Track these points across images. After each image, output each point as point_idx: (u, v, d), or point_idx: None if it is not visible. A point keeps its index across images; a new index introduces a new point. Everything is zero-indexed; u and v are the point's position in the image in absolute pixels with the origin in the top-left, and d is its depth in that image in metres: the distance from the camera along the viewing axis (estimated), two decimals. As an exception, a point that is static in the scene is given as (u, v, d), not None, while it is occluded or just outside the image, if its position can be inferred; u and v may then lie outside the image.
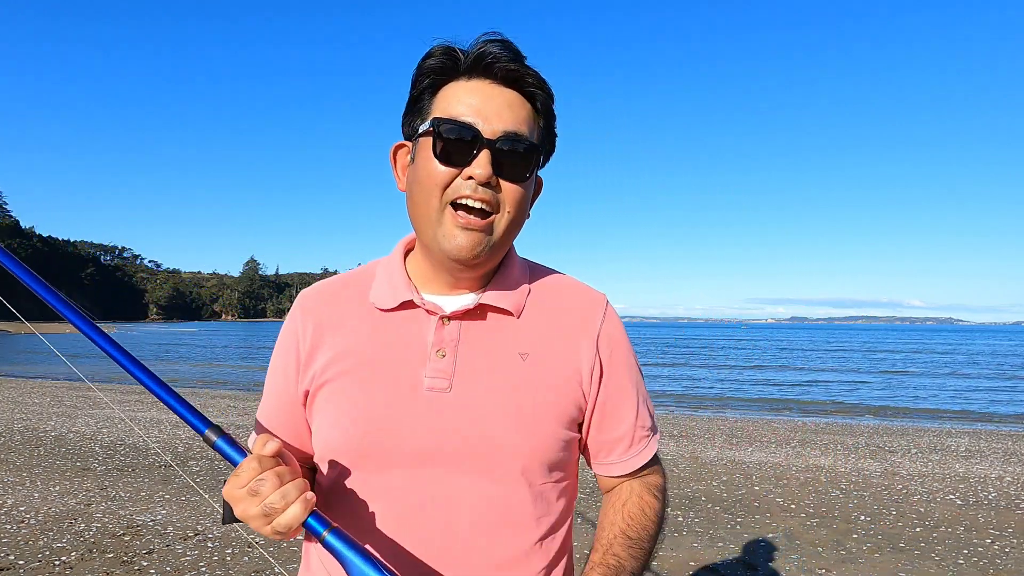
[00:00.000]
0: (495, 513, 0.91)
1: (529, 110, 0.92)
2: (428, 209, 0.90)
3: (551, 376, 0.94)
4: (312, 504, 0.77)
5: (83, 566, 3.89)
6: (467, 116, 0.88)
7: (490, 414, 0.90)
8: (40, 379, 17.76)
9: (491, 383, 0.92)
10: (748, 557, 4.33)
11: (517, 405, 0.91)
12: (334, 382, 0.94)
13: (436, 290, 0.98)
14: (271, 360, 1.03)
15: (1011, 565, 4.24)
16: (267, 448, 0.77)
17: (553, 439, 0.93)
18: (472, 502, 0.90)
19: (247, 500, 0.76)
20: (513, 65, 0.89)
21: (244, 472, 0.77)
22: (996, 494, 6.11)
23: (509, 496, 0.91)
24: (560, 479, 0.96)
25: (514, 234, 0.95)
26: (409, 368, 0.93)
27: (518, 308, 0.97)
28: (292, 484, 0.77)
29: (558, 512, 0.96)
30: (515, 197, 0.91)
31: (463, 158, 0.87)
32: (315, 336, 0.97)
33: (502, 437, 0.90)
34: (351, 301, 1.00)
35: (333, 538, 0.76)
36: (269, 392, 1.02)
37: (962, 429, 11.22)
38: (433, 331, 0.94)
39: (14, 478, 6.04)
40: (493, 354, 0.94)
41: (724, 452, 8.10)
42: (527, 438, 0.91)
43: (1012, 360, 35.14)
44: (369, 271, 1.04)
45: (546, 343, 0.96)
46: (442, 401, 0.91)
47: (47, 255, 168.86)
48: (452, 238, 0.89)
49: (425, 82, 0.92)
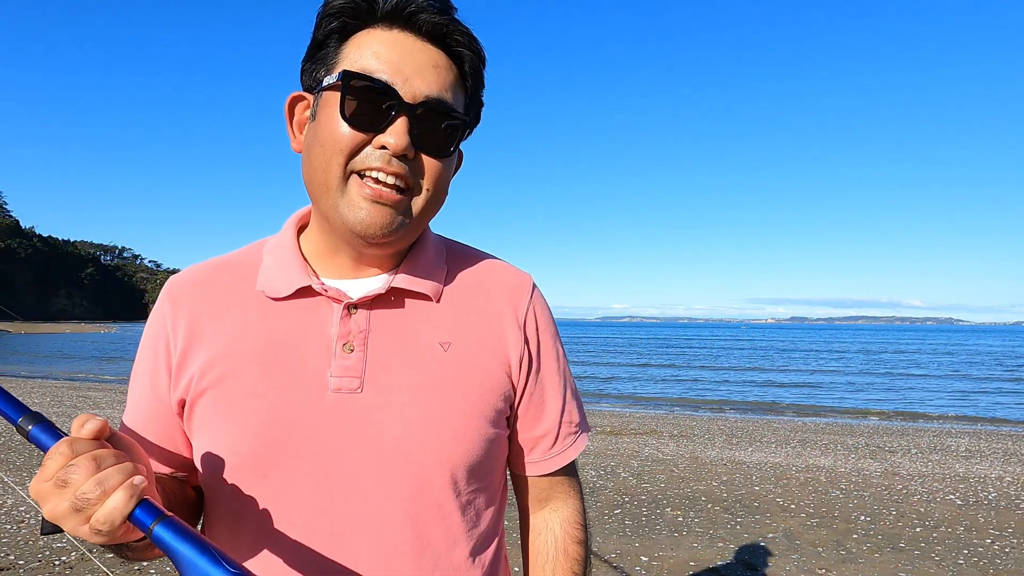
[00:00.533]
0: (420, 530, 0.79)
1: (456, 74, 0.79)
2: (328, 176, 0.76)
3: (476, 367, 0.83)
4: (141, 491, 0.59)
5: (83, 566, 3.88)
6: (383, 73, 0.74)
7: (410, 416, 0.78)
8: (40, 379, 17.75)
9: (409, 380, 0.79)
10: (748, 557, 4.33)
11: (440, 403, 0.79)
12: (217, 388, 0.79)
13: (338, 273, 0.83)
14: (136, 358, 0.86)
15: (1011, 565, 4.24)
16: (86, 428, 0.60)
17: (481, 439, 0.81)
18: (393, 520, 0.78)
19: (55, 494, 0.58)
20: (440, 18, 0.76)
21: (52, 459, 0.58)
22: (996, 494, 6.11)
23: (435, 509, 0.79)
24: (489, 483, 0.86)
25: (431, 214, 0.83)
26: (311, 367, 0.79)
27: (436, 292, 0.84)
28: (114, 468, 0.59)
29: (488, 520, 0.86)
30: (435, 173, 0.78)
31: (376, 122, 0.74)
32: (188, 334, 0.82)
33: (425, 442, 0.78)
34: (233, 289, 0.84)
35: (163, 530, 0.58)
36: (134, 399, 0.86)
37: (962, 429, 11.22)
38: (337, 322, 0.80)
39: (14, 478, 6.03)
40: (410, 346, 0.81)
41: (724, 452, 8.10)
42: (453, 441, 0.79)
43: (1017, 361, 35.09)
44: (254, 252, 0.88)
45: (469, 330, 0.84)
46: (353, 404, 0.78)
47: (47, 255, 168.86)
48: (357, 209, 0.75)
49: (333, 24, 0.77)
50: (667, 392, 18.16)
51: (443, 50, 0.78)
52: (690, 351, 43.65)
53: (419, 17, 0.75)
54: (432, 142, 0.77)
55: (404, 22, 0.76)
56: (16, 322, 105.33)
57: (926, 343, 65.50)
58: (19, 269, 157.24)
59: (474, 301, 0.87)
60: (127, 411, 0.87)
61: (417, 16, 0.75)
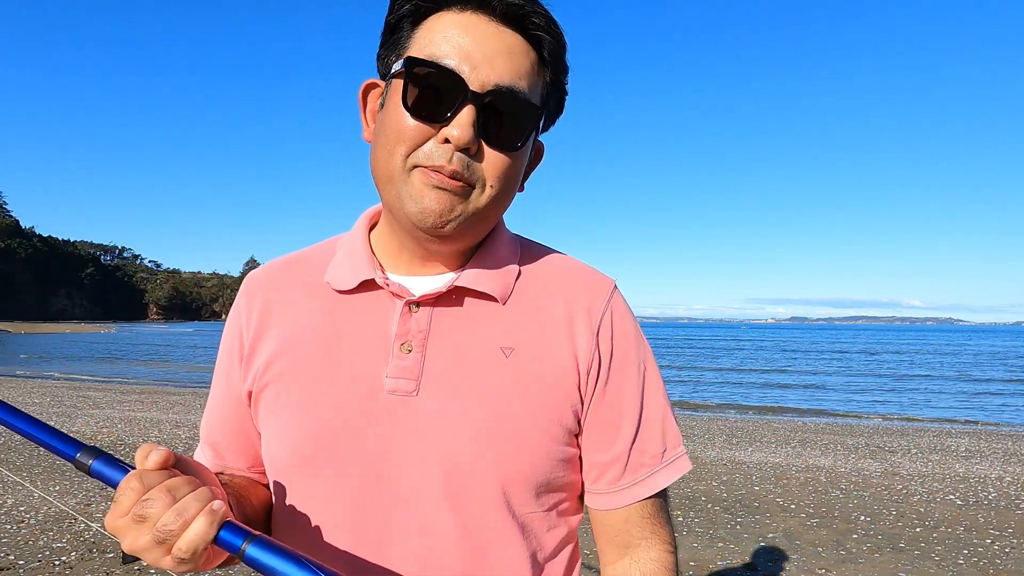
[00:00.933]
0: (470, 545, 0.74)
1: (533, 59, 0.73)
2: (391, 168, 0.73)
3: (540, 377, 0.76)
4: (222, 515, 0.58)
5: (83, 566, 3.88)
6: (451, 59, 0.69)
7: (464, 425, 0.74)
8: (40, 379, 17.76)
9: (467, 386, 0.75)
10: (748, 557, 4.33)
11: (498, 414, 0.74)
12: (278, 383, 0.79)
13: (404, 269, 0.80)
14: (219, 352, 0.87)
15: (1011, 565, 4.24)
16: (151, 459, 0.59)
17: (542, 456, 0.75)
18: (441, 531, 0.73)
19: (133, 530, 0.57)
20: (519, 0, 0.71)
21: (124, 495, 0.57)
22: (996, 494, 6.11)
23: (486, 526, 0.74)
24: (552, 506, 0.78)
25: (498, 211, 0.77)
26: (368, 366, 0.76)
27: (503, 293, 0.79)
28: (190, 496, 0.58)
29: (552, 545, 0.79)
30: (501, 169, 0.72)
31: (441, 113, 0.69)
32: (260, 323, 0.82)
33: (478, 454, 0.73)
34: (303, 282, 0.83)
35: (255, 549, 0.59)
36: (213, 393, 0.87)
37: (962, 429, 11.22)
38: (397, 319, 0.77)
39: (14, 478, 6.04)
40: (470, 349, 0.77)
41: (724, 452, 8.09)
42: (509, 456, 0.74)
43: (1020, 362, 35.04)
44: (327, 247, 0.87)
45: (536, 336, 0.78)
46: (407, 407, 0.74)
47: (47, 255, 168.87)
48: (419, 198, 0.71)
49: (405, 7, 0.73)
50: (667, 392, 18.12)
51: (520, 33, 0.72)
52: (690, 351, 43.65)
53: (495, 1, 0.70)
54: (500, 134, 0.72)
55: (478, 3, 0.71)
56: (16, 322, 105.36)
57: (927, 343, 65.44)
58: (19, 269, 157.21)
59: (544, 305, 0.80)
60: (208, 406, 0.88)
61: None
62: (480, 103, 0.69)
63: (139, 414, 10.50)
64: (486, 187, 0.73)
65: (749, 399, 16.90)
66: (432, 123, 0.70)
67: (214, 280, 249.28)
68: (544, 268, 0.84)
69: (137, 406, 11.57)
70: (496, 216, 0.79)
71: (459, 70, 0.69)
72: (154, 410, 11.03)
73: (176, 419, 10.00)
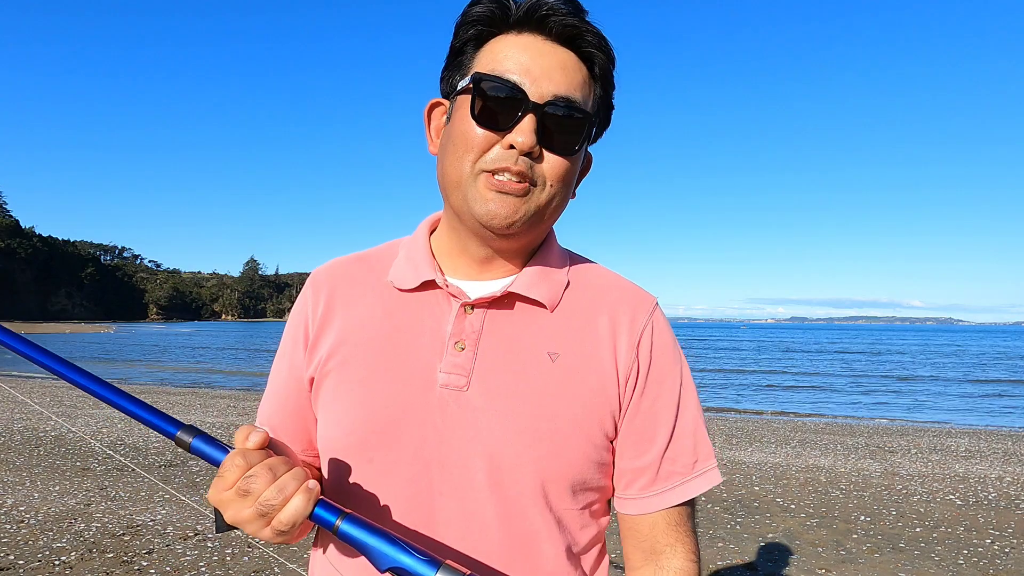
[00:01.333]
0: (510, 535, 0.79)
1: (585, 74, 0.80)
2: (459, 173, 0.79)
3: (583, 382, 0.81)
4: (317, 493, 0.66)
5: (83, 566, 3.88)
6: (513, 74, 0.76)
7: (509, 422, 0.79)
8: (40, 379, 17.75)
9: (514, 386, 0.80)
10: (748, 557, 4.33)
11: (541, 415, 0.79)
12: (339, 371, 0.84)
13: (463, 273, 0.87)
14: (282, 338, 0.93)
15: (1011, 565, 4.24)
16: (252, 439, 0.66)
17: (580, 457, 0.80)
18: (483, 520, 0.78)
19: (237, 502, 0.65)
20: (572, 20, 0.78)
21: (229, 471, 0.65)
22: (996, 494, 6.11)
23: (521, 519, 0.79)
24: (586, 505, 0.83)
25: (557, 212, 0.84)
26: (423, 360, 0.82)
27: (553, 301, 0.85)
28: (288, 475, 0.65)
29: (583, 543, 0.84)
30: (560, 171, 0.79)
31: (505, 121, 0.76)
32: (326, 312, 0.88)
33: (517, 450, 0.78)
34: (366, 279, 0.89)
35: (348, 525, 0.66)
36: (274, 378, 0.92)
37: (962, 429, 11.22)
38: (453, 319, 0.83)
39: (14, 478, 6.04)
40: (519, 351, 0.82)
41: (724, 452, 8.09)
42: (549, 455, 0.78)
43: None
44: (390, 248, 0.93)
45: (580, 343, 0.83)
46: (457, 401, 0.80)
47: (47, 255, 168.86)
48: (485, 202, 0.77)
49: (469, 32, 0.80)
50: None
51: (573, 51, 0.79)
52: (690, 351, 43.67)
53: (550, 20, 0.77)
54: (558, 140, 0.78)
55: (535, 26, 0.78)
56: (16, 322, 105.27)
57: (929, 344, 65.40)
58: (19, 269, 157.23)
59: (590, 315, 0.85)
60: (266, 393, 0.93)
61: (548, 19, 0.77)
62: (540, 112, 0.76)
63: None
64: (546, 186, 0.79)
65: (750, 400, 16.92)
66: (498, 131, 0.77)
67: (214, 280, 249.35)
68: (591, 281, 0.89)
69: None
70: (554, 216, 0.84)
71: (520, 83, 0.76)
72: (154, 410, 11.02)
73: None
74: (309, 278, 0.93)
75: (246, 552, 4.18)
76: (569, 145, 0.79)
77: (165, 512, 5.03)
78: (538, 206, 0.79)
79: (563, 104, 0.77)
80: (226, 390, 16.55)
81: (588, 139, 0.82)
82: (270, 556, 4.11)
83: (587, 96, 0.80)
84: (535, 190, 0.79)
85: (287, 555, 4.11)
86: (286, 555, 4.11)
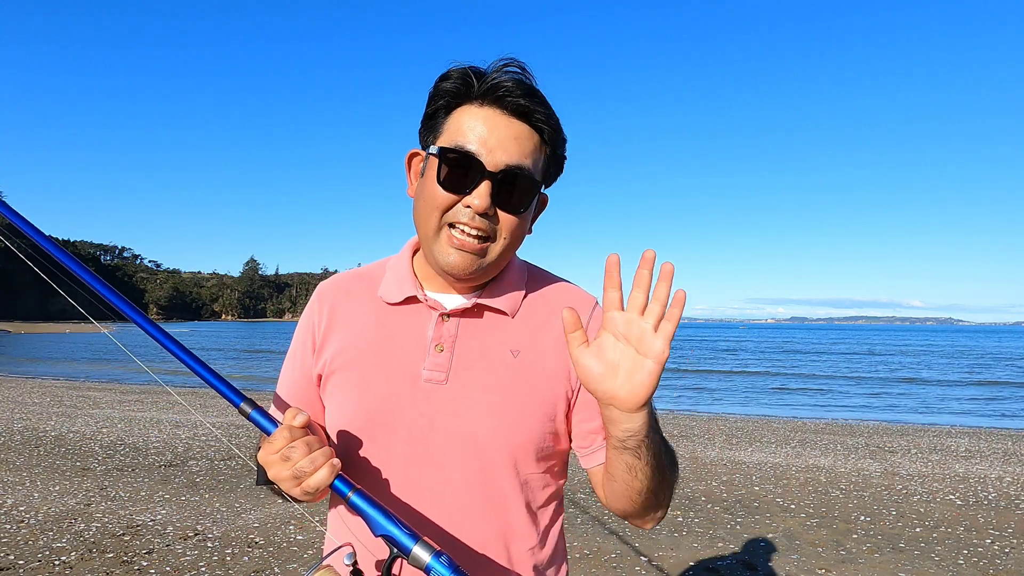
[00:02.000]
0: (482, 498, 0.98)
1: (536, 141, 0.95)
2: (427, 226, 0.96)
3: (539, 372, 1.00)
4: (338, 468, 0.84)
5: (83, 566, 3.89)
6: (472, 145, 0.91)
7: (481, 407, 0.97)
8: (40, 379, 17.76)
9: (484, 378, 0.98)
10: (748, 557, 4.33)
11: (506, 399, 0.98)
12: (341, 372, 1.02)
13: (439, 288, 1.04)
14: (293, 339, 1.12)
15: (1011, 565, 4.24)
16: (297, 419, 0.84)
17: (539, 432, 0.99)
18: (465, 488, 0.97)
19: (279, 464, 0.83)
20: (524, 100, 0.92)
21: (277, 440, 0.83)
22: (996, 494, 6.11)
23: (495, 483, 0.98)
24: (546, 469, 1.03)
25: (508, 257, 1.00)
26: (410, 361, 1.00)
27: (513, 309, 1.03)
28: (320, 451, 0.84)
29: (544, 498, 1.04)
30: (511, 227, 0.96)
31: (464, 185, 0.92)
32: (328, 323, 1.06)
33: (490, 429, 0.97)
34: (362, 294, 1.07)
35: (357, 498, 0.84)
36: (288, 368, 1.11)
37: (962, 429, 11.22)
38: (433, 326, 1.01)
39: (14, 478, 6.04)
40: (487, 351, 1.00)
41: (724, 452, 8.10)
42: (513, 431, 0.97)
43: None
44: (381, 266, 1.11)
45: (536, 342, 1.02)
46: (439, 393, 0.98)
47: (47, 255, 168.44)
48: (447, 255, 0.95)
49: (440, 103, 0.96)
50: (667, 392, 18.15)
51: (526, 123, 0.94)
52: (689, 351, 43.65)
53: (506, 100, 0.92)
54: (510, 201, 0.94)
55: (494, 101, 0.93)
56: (16, 322, 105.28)
57: (931, 344, 65.35)
58: (19, 269, 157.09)
59: (543, 318, 1.04)
60: (280, 382, 1.11)
61: (504, 99, 0.92)
62: (494, 179, 0.92)
63: (139, 414, 10.50)
64: (500, 239, 0.96)
65: (749, 401, 16.91)
66: (459, 194, 0.92)
67: (214, 280, 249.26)
68: (544, 289, 1.08)
69: (137, 406, 11.57)
70: (505, 262, 1.01)
71: (478, 154, 0.91)
72: (154, 410, 11.03)
73: (176, 419, 10.01)
74: (315, 292, 1.12)
75: (246, 552, 4.18)
76: (519, 205, 0.95)
77: (165, 512, 5.03)
78: (492, 258, 0.96)
79: (514, 172, 0.92)
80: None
81: (536, 197, 0.98)
82: (270, 556, 4.12)
83: (536, 160, 0.96)
84: (491, 244, 0.95)
85: (287, 556, 4.12)
86: (285, 556, 4.12)
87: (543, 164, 0.98)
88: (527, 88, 0.94)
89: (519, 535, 1.00)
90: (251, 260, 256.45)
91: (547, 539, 1.05)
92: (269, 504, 5.27)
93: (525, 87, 0.93)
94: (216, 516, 4.96)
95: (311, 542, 4.38)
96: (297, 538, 4.47)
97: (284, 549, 4.23)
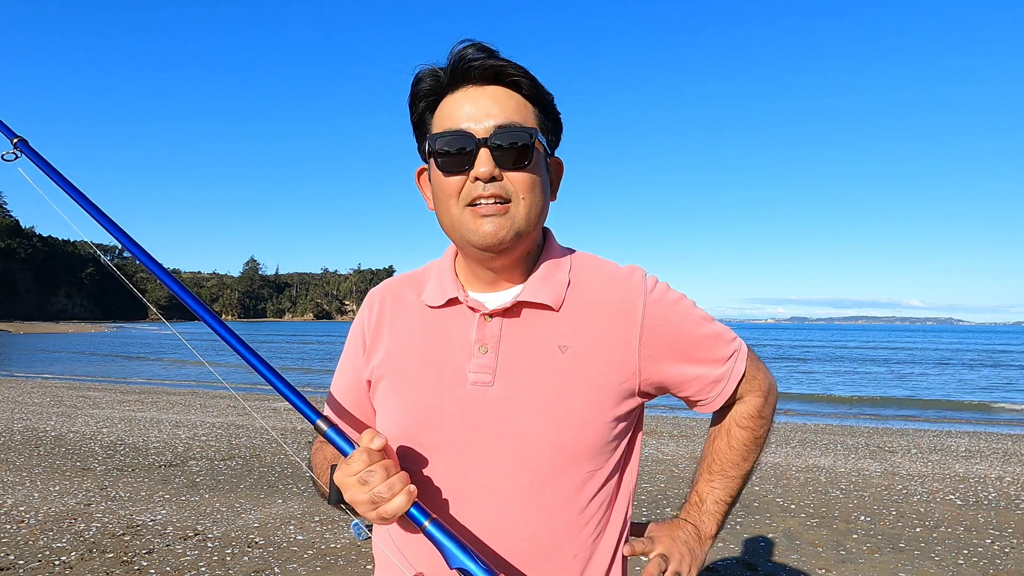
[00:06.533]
0: (534, 502, 0.94)
1: (518, 99, 0.95)
2: (451, 217, 0.95)
3: (591, 368, 0.96)
4: (415, 496, 0.83)
5: (83, 566, 3.88)
6: (460, 122, 0.92)
7: (528, 408, 0.94)
8: (40, 379, 17.75)
9: (531, 378, 0.95)
10: (748, 557, 4.33)
11: (555, 399, 0.94)
12: (389, 377, 1.03)
13: (480, 288, 1.03)
14: (346, 343, 1.13)
15: (1011, 565, 4.24)
16: (375, 443, 0.83)
17: (592, 431, 0.95)
18: (511, 490, 0.94)
19: (356, 487, 0.83)
20: (490, 62, 0.92)
21: (355, 462, 0.83)
22: (996, 494, 6.11)
23: (547, 486, 0.94)
24: (602, 467, 0.98)
25: (538, 217, 0.97)
26: (455, 364, 0.98)
27: (557, 301, 0.98)
28: (397, 477, 0.83)
29: (602, 500, 0.99)
30: (525, 183, 0.93)
31: (465, 163, 0.92)
32: (377, 328, 1.08)
33: (539, 431, 0.94)
34: (408, 300, 1.08)
35: (433, 528, 0.83)
36: (341, 371, 1.13)
37: (962, 429, 11.22)
38: (476, 328, 0.99)
39: (14, 478, 6.04)
40: (533, 349, 0.97)
41: (724, 452, 8.08)
42: (563, 431, 0.94)
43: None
44: (427, 271, 1.11)
45: (586, 334, 0.97)
46: (485, 395, 0.96)
47: (47, 255, 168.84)
48: (476, 230, 0.93)
49: (422, 105, 0.98)
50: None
51: (500, 85, 0.94)
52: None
53: (472, 69, 0.92)
54: (511, 159, 0.92)
55: (463, 79, 0.93)
56: (16, 322, 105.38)
57: (930, 344, 65.30)
58: (19, 269, 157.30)
59: (592, 307, 0.99)
60: (334, 384, 1.12)
61: (470, 70, 0.93)
62: (487, 143, 0.91)
63: (139, 414, 10.50)
64: (519, 199, 0.94)
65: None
66: (463, 172, 0.93)
67: (214, 280, 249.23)
68: (589, 276, 1.03)
69: (137, 406, 11.57)
70: (538, 223, 0.98)
71: (467, 128, 0.92)
72: (154, 410, 11.03)
73: (176, 419, 10.00)
74: (367, 297, 1.13)
75: (246, 552, 4.18)
76: (522, 160, 0.93)
77: (165, 512, 5.03)
78: (520, 218, 0.94)
79: (504, 130, 0.91)
80: (225, 391, 16.54)
81: (536, 150, 0.94)
82: (270, 556, 4.11)
83: (525, 116, 0.94)
84: (512, 205, 0.93)
85: (287, 556, 4.11)
86: (286, 556, 4.11)
87: (534, 119, 0.96)
88: (489, 51, 0.94)
89: (569, 542, 0.96)
90: (251, 260, 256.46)
91: (600, 546, 1.00)
92: (269, 504, 5.26)
93: (487, 50, 0.94)
94: (216, 516, 4.95)
95: (311, 542, 4.38)
96: (297, 538, 4.46)
97: (284, 549, 4.23)
